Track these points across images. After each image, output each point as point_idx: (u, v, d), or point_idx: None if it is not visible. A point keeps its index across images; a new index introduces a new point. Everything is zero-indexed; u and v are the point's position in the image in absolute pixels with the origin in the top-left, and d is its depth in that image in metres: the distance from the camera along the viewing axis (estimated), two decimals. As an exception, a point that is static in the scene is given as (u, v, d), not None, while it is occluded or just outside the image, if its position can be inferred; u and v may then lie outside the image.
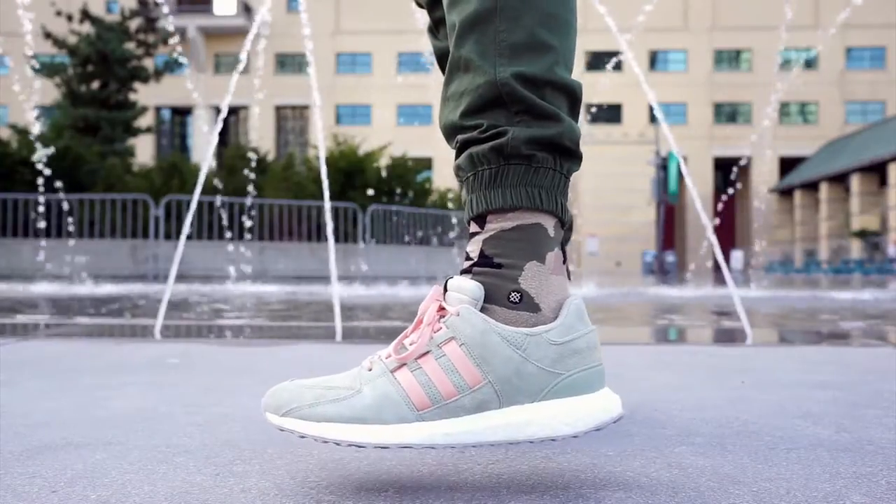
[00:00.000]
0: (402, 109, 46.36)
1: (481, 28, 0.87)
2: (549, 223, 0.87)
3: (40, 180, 10.90)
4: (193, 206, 3.15)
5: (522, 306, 0.84)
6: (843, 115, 46.42)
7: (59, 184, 10.91)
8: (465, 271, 0.88)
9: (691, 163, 43.64)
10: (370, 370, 0.85)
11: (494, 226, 0.86)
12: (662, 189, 33.86)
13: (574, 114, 0.91)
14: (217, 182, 12.36)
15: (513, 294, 0.84)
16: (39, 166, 10.51)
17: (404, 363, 0.83)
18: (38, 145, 11.46)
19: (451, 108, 0.90)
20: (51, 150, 10.58)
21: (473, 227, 0.88)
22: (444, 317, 0.84)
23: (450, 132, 0.91)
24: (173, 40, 10.61)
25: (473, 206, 0.87)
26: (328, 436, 0.80)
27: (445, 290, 0.87)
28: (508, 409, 0.82)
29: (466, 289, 0.84)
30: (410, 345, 0.84)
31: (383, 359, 0.85)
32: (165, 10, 11.47)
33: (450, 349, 0.82)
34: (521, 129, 0.85)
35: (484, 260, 0.86)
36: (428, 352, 0.83)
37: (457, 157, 0.91)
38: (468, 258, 0.88)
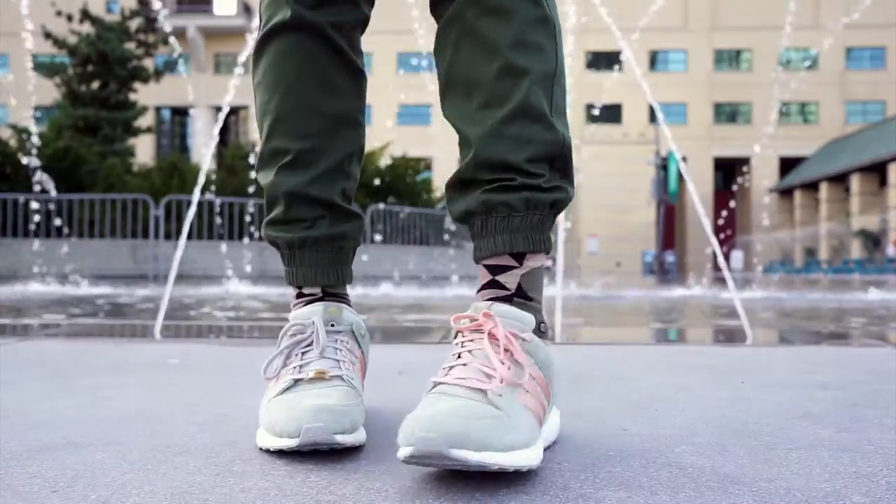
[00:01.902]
0: (402, 109, 46.35)
1: (550, 85, 0.98)
2: None
3: (37, 178, 10.89)
4: (193, 206, 3.15)
5: (545, 335, 1.00)
6: (843, 115, 46.39)
7: (46, 184, 10.89)
8: (503, 299, 0.98)
9: (691, 163, 43.60)
10: (500, 396, 0.88)
11: (531, 264, 0.99)
12: (662, 189, 33.86)
13: None
14: (212, 183, 12.37)
15: (542, 325, 1.00)
16: (37, 162, 10.50)
17: (518, 387, 0.90)
18: (33, 149, 11.45)
19: (511, 148, 0.96)
20: (36, 159, 10.53)
21: (507, 261, 0.98)
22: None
23: (505, 168, 0.97)
24: (170, 33, 10.66)
25: (518, 244, 0.97)
26: (518, 462, 0.83)
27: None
28: (549, 413, 0.98)
29: (526, 319, 0.95)
30: (508, 370, 0.90)
31: (502, 385, 0.89)
32: (159, 8, 11.47)
33: (534, 372, 0.93)
34: (570, 190, 1.01)
35: (521, 293, 0.99)
36: None
37: (499, 192, 0.97)
38: (501, 287, 0.99)
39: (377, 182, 15.37)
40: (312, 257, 1.14)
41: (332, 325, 1.11)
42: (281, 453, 0.98)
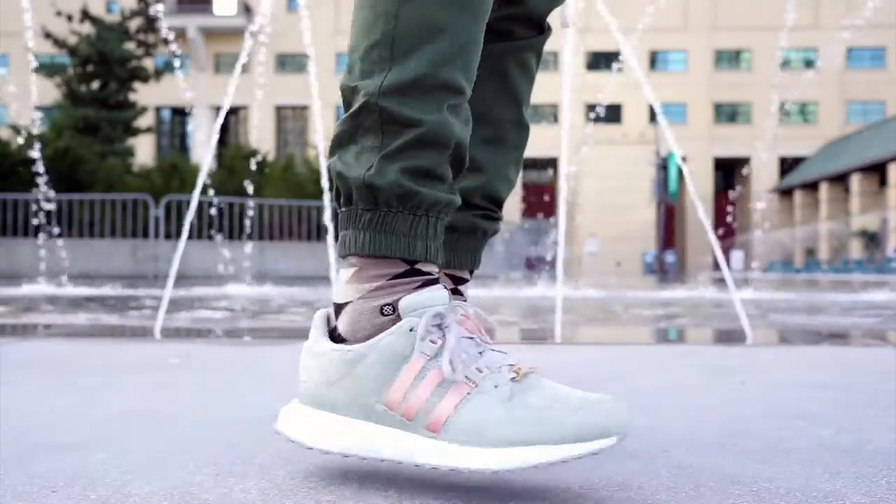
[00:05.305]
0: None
1: None
2: None
3: (38, 179, 10.88)
4: (193, 206, 3.15)
5: None
6: (843, 115, 46.40)
7: (42, 185, 10.86)
8: None
9: (691, 163, 43.56)
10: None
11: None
12: (662, 189, 33.89)
13: None
14: (210, 183, 12.35)
15: None
16: (38, 164, 10.48)
17: None
18: (33, 146, 11.45)
19: (506, 187, 1.08)
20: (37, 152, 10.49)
21: (465, 274, 1.07)
22: None
23: (496, 202, 1.07)
24: (170, 35, 10.74)
25: (478, 263, 1.08)
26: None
27: None
28: None
29: None
30: None
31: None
32: (160, 9, 11.49)
33: None
34: None
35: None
36: None
37: (484, 220, 1.06)
38: (461, 295, 1.04)
39: None
40: (442, 230, 0.90)
41: None
42: (282, 452, 0.98)
